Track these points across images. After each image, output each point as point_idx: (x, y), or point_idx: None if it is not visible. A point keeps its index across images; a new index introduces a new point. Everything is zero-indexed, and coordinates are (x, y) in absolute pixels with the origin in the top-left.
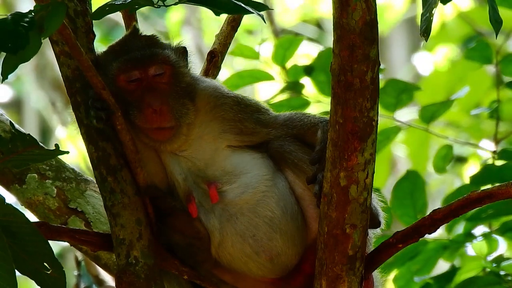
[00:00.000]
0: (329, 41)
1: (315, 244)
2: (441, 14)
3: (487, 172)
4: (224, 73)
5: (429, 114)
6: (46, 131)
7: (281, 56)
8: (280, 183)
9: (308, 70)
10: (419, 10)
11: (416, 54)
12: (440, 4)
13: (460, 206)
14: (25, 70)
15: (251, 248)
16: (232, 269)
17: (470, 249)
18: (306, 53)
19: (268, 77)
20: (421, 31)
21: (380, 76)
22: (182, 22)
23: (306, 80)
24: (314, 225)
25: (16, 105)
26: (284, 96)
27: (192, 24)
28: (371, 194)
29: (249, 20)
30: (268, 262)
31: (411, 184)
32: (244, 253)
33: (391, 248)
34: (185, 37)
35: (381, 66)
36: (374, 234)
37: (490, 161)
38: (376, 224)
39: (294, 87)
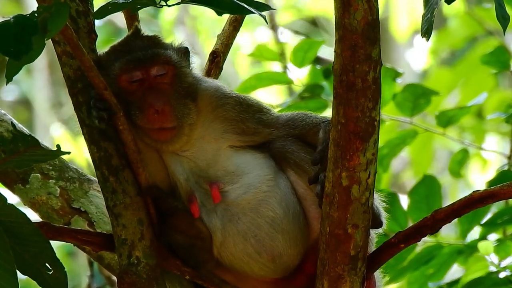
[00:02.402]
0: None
1: (317, 244)
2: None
3: (503, 178)
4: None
5: (446, 119)
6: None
7: (300, 59)
8: (282, 183)
9: (326, 73)
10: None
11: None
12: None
13: (462, 206)
14: (37, 67)
15: (253, 248)
16: (234, 269)
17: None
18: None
19: (286, 79)
20: (422, 31)
21: (398, 80)
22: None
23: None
24: (316, 225)
25: (27, 102)
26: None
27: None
28: (373, 194)
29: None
30: (270, 262)
31: (427, 188)
32: (246, 253)
33: (392, 248)
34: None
35: (400, 71)
36: (376, 234)
37: (506, 167)
38: (378, 224)
39: (313, 89)
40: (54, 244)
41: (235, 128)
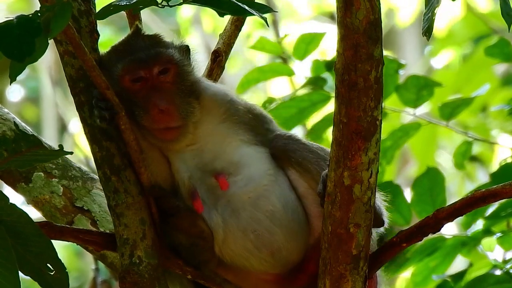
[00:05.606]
0: None
1: (319, 243)
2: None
3: (506, 170)
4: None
5: (449, 111)
6: (65, 126)
7: (302, 51)
8: (281, 180)
9: (329, 65)
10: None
11: (428, 47)
12: (442, 6)
13: (465, 205)
14: (43, 65)
15: (252, 244)
16: (235, 266)
17: (480, 247)
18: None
19: (289, 72)
20: (423, 30)
21: (401, 72)
22: (192, 20)
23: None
24: (317, 224)
25: (35, 100)
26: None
27: (201, 23)
28: (375, 194)
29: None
30: (269, 257)
31: (431, 180)
32: (245, 249)
33: (395, 248)
34: (194, 35)
35: (402, 62)
36: (377, 233)
37: (509, 159)
38: (379, 223)
39: (315, 82)
40: (62, 243)
41: (246, 129)
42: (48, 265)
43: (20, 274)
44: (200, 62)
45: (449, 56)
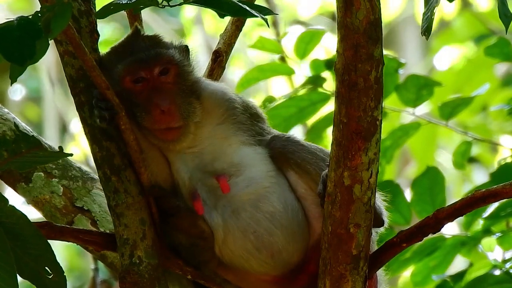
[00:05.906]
0: None
1: (319, 244)
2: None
3: (506, 170)
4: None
5: (448, 110)
6: (66, 126)
7: (302, 50)
8: (281, 181)
9: (329, 64)
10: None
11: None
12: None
13: (465, 205)
14: (45, 65)
15: (252, 245)
16: (235, 266)
17: (480, 247)
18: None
19: (289, 71)
20: (422, 30)
21: (400, 71)
22: (194, 21)
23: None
24: (317, 224)
25: (37, 99)
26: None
27: (203, 23)
28: (375, 194)
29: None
30: (269, 259)
31: (431, 180)
32: (245, 250)
33: (394, 248)
34: (196, 36)
35: (402, 61)
36: (377, 233)
37: (509, 159)
38: (379, 223)
39: (315, 81)
40: (63, 242)
41: (244, 130)
42: (46, 268)
43: (18, 276)
44: (202, 62)
45: (452, 58)
